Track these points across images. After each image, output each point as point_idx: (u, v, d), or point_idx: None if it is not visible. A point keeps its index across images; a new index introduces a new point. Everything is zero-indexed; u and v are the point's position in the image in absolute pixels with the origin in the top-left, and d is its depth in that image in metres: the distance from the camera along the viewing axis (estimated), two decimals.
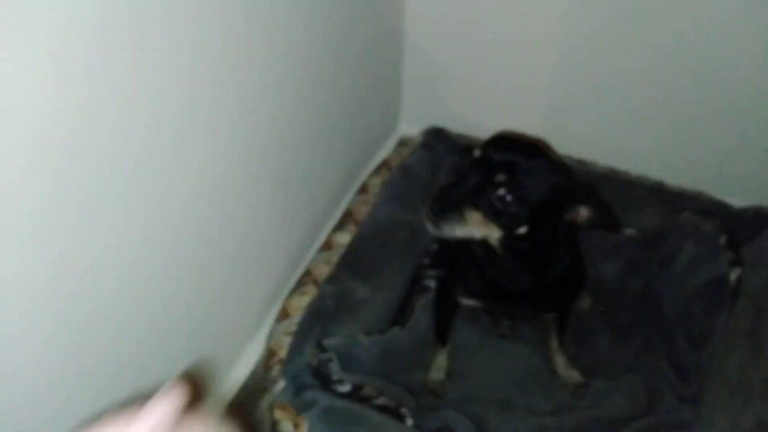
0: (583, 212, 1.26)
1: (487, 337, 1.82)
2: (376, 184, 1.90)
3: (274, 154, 1.54)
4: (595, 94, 2.06)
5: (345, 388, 1.34)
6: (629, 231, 1.82)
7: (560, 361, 1.73)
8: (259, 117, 1.42)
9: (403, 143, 2.17)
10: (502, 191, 1.18)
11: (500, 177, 1.18)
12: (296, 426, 1.27)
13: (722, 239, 1.57)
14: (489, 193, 1.19)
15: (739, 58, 1.77)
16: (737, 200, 1.84)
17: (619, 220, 1.36)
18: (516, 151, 1.22)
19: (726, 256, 1.56)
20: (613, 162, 2.02)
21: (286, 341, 1.43)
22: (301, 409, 1.29)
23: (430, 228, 1.22)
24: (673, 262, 1.71)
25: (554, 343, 1.73)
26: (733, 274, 1.55)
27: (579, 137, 2.12)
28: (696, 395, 1.56)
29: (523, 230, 1.25)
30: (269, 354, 1.44)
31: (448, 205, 1.19)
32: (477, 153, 1.22)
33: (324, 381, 1.35)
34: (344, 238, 1.71)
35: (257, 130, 1.43)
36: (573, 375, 1.71)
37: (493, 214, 1.21)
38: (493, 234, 1.25)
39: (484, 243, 1.31)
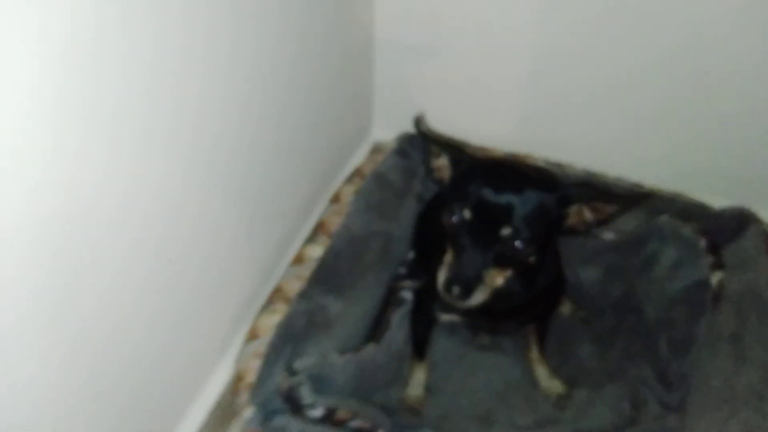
0: (586, 214, 1.25)
1: (466, 349, 1.77)
2: (348, 192, 1.84)
3: (240, 164, 1.47)
4: (569, 96, 2.03)
5: (317, 412, 1.28)
6: (608, 235, 1.78)
7: (541, 372, 1.68)
8: (224, 125, 1.34)
9: (376, 149, 2.11)
10: (513, 243, 1.14)
11: (506, 231, 1.14)
12: None
13: (702, 242, 1.54)
14: (497, 246, 1.15)
15: (715, 59, 1.75)
16: (716, 201, 1.81)
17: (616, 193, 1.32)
18: (505, 191, 1.15)
19: (706, 259, 1.52)
20: (590, 165, 1.98)
21: (255, 364, 1.36)
22: None
23: (458, 303, 1.17)
24: (654, 266, 1.68)
25: (535, 353, 1.68)
26: (715, 278, 1.51)
27: (555, 140, 2.08)
28: (680, 403, 1.52)
29: (533, 259, 1.22)
30: (237, 378, 1.37)
31: (468, 280, 1.14)
32: (467, 215, 1.16)
33: (295, 406, 1.28)
34: (316, 251, 1.64)
35: (221, 139, 1.35)
36: (555, 385, 1.66)
37: (508, 262, 1.18)
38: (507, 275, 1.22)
39: None
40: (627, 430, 1.48)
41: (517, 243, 1.14)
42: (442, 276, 1.17)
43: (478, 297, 1.15)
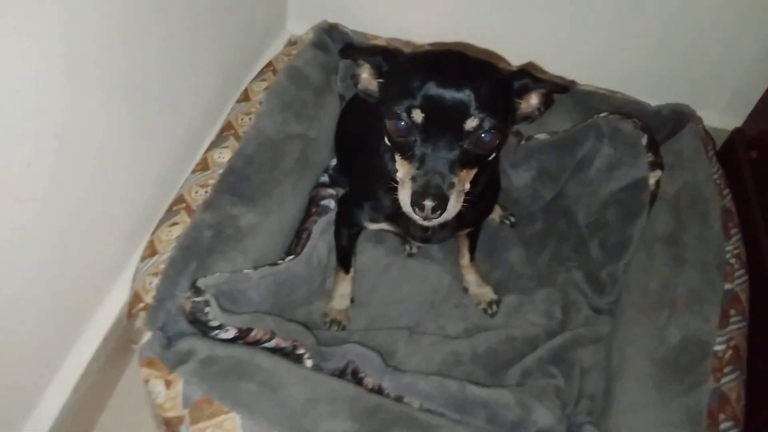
0: (533, 100, 1.11)
1: (392, 258, 1.66)
2: (259, 90, 1.61)
3: (133, 55, 1.22)
4: None
5: (228, 334, 1.13)
6: (541, 136, 1.67)
7: (471, 279, 1.60)
8: (118, 5, 1.09)
9: (291, 43, 1.87)
10: (480, 135, 0.98)
11: (471, 123, 0.97)
12: (168, 385, 1.05)
13: (644, 140, 1.45)
14: (462, 143, 0.98)
15: None
16: (651, 101, 1.73)
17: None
18: (456, 80, 0.97)
19: (646, 157, 1.44)
20: (523, 58, 1.84)
21: (154, 283, 1.18)
22: (172, 364, 1.06)
23: (427, 223, 1.01)
24: (588, 166, 1.59)
25: (465, 260, 1.59)
26: (653, 178, 1.44)
27: (484, 32, 1.92)
28: (612, 306, 1.49)
29: (492, 156, 1.07)
30: (133, 299, 1.19)
31: (440, 191, 0.96)
32: (417, 117, 0.97)
33: (202, 328, 1.12)
34: (223, 156, 1.44)
35: (113, 22, 1.10)
36: (485, 292, 1.59)
37: (475, 160, 1.02)
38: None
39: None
40: (558, 337, 1.43)
41: (484, 135, 0.98)
42: (405, 194, 0.99)
43: (454, 208, 0.99)
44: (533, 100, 1.11)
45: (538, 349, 1.40)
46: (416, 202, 0.97)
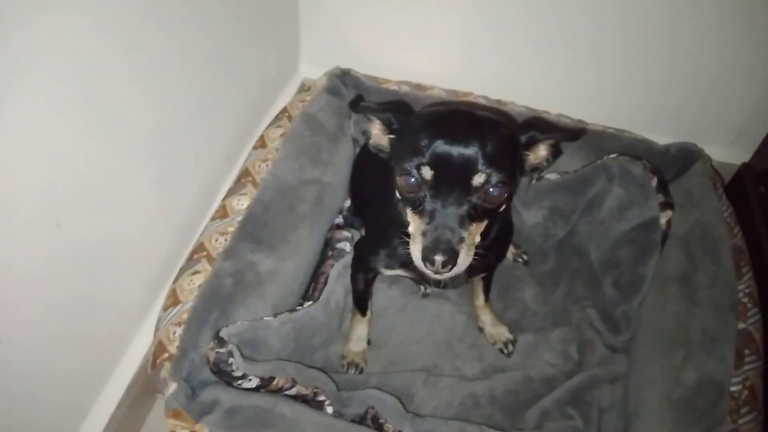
0: (541, 152, 1.13)
1: (407, 299, 1.68)
2: (275, 137, 1.66)
3: (151, 106, 1.27)
4: (510, 32, 1.90)
5: (251, 383, 1.15)
6: (552, 176, 1.70)
7: (487, 319, 1.62)
8: (132, 59, 1.14)
9: (304, 88, 1.92)
10: (488, 190, 1.01)
11: (478, 179, 1.00)
12: None
13: (654, 182, 1.47)
14: (470, 199, 1.01)
15: None
16: (659, 138, 1.76)
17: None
18: (463, 137, 1.01)
19: (657, 198, 1.46)
20: (531, 102, 1.88)
21: (177, 333, 1.21)
22: (197, 415, 1.09)
23: (437, 275, 1.02)
24: (599, 206, 1.62)
25: (480, 301, 1.61)
26: (664, 218, 1.46)
27: (493, 75, 1.97)
28: (627, 345, 1.50)
29: (502, 208, 1.10)
30: (158, 349, 1.21)
31: (449, 246, 0.98)
32: (426, 174, 1.00)
33: (226, 378, 1.14)
34: (242, 203, 1.47)
35: (132, 79, 1.15)
36: (501, 332, 1.61)
37: (484, 214, 1.04)
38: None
39: None
40: (575, 377, 1.44)
41: (492, 190, 1.01)
42: (416, 248, 1.02)
43: (464, 262, 1.01)
44: (541, 151, 1.13)
45: (556, 390, 1.41)
46: (427, 257, 0.99)
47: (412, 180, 1.03)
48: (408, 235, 1.08)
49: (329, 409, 1.24)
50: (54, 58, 0.95)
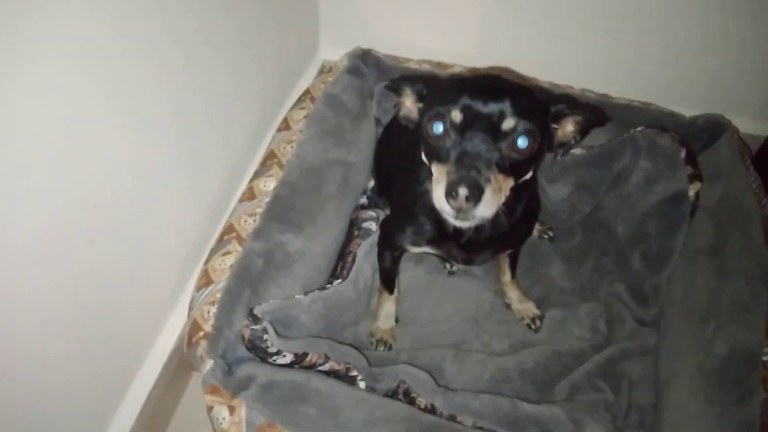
0: (569, 127, 1.11)
1: (434, 276, 1.69)
2: (299, 118, 1.67)
3: (177, 93, 1.28)
4: (527, 6, 1.88)
5: (285, 359, 1.17)
6: (577, 151, 1.69)
7: (514, 295, 1.62)
8: (157, 48, 1.15)
9: (325, 69, 1.92)
10: (517, 140, 0.98)
11: (508, 124, 0.98)
12: (231, 410, 1.10)
13: (682, 153, 1.46)
14: (499, 145, 0.99)
15: None
16: (685, 111, 1.74)
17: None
18: (495, 94, 1.00)
19: (685, 171, 1.45)
20: (554, 77, 1.86)
21: (211, 311, 1.23)
22: (234, 390, 1.11)
23: (460, 221, 0.99)
24: (626, 180, 1.61)
25: (506, 278, 1.61)
26: (692, 190, 1.45)
27: (516, 52, 1.95)
28: (656, 319, 1.50)
29: (529, 175, 1.09)
30: (193, 328, 1.24)
31: (475, 180, 0.94)
32: (456, 117, 0.99)
33: (260, 354, 1.17)
34: (269, 185, 1.49)
35: (159, 65, 1.16)
36: (528, 308, 1.61)
37: (511, 168, 1.01)
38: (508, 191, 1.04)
39: None
40: (604, 351, 1.44)
41: (521, 139, 0.99)
42: (439, 188, 0.97)
43: (489, 204, 0.95)
44: (569, 126, 1.12)
45: (585, 364, 1.41)
46: (450, 190, 0.94)
47: (440, 125, 1.01)
48: (435, 212, 1.07)
49: (362, 384, 1.26)
50: (86, 45, 0.97)
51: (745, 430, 1.13)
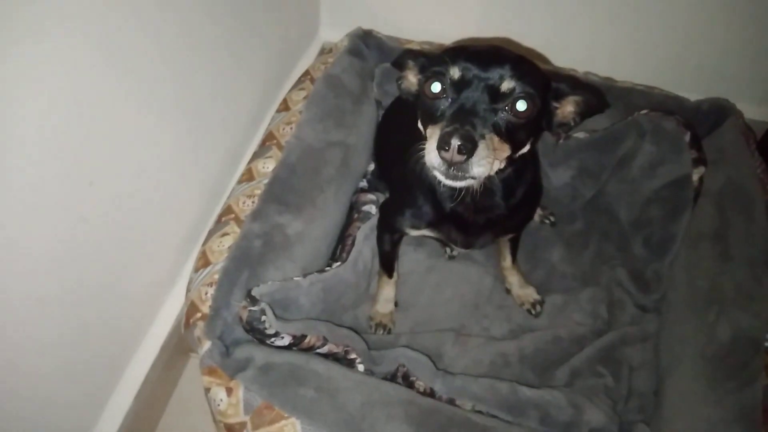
0: (569, 107, 1.10)
1: (434, 261, 1.67)
2: (298, 99, 1.64)
3: (177, 73, 1.26)
4: None
5: (283, 341, 1.16)
6: (580, 134, 1.67)
7: (514, 280, 1.61)
8: (157, 26, 1.13)
9: (325, 50, 1.89)
10: (516, 102, 0.96)
11: (507, 85, 0.96)
12: (229, 392, 1.09)
13: (687, 137, 1.44)
14: (497, 106, 0.97)
15: None
16: (689, 95, 1.71)
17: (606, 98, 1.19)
18: (498, 58, 0.98)
19: (690, 154, 1.43)
20: (558, 60, 1.84)
21: (209, 293, 1.21)
22: (232, 372, 1.10)
23: (451, 180, 0.96)
24: (629, 164, 1.59)
25: (507, 262, 1.60)
26: (696, 174, 1.43)
27: (518, 34, 1.92)
28: (658, 304, 1.49)
29: (527, 148, 1.07)
30: (191, 309, 1.22)
31: (469, 133, 0.91)
32: (454, 74, 0.97)
33: (258, 336, 1.15)
34: (267, 166, 1.47)
35: (155, 45, 1.14)
36: (529, 293, 1.60)
37: (508, 133, 0.98)
38: (503, 159, 1.01)
39: None
40: (605, 336, 1.43)
41: (520, 102, 0.97)
42: (431, 143, 0.94)
43: (483, 161, 0.92)
44: (569, 107, 1.10)
45: (586, 349, 1.41)
46: (442, 142, 0.91)
47: (437, 84, 0.99)
48: (433, 193, 1.04)
49: (360, 367, 1.25)
50: (85, 25, 0.95)
51: (747, 415, 1.12)
